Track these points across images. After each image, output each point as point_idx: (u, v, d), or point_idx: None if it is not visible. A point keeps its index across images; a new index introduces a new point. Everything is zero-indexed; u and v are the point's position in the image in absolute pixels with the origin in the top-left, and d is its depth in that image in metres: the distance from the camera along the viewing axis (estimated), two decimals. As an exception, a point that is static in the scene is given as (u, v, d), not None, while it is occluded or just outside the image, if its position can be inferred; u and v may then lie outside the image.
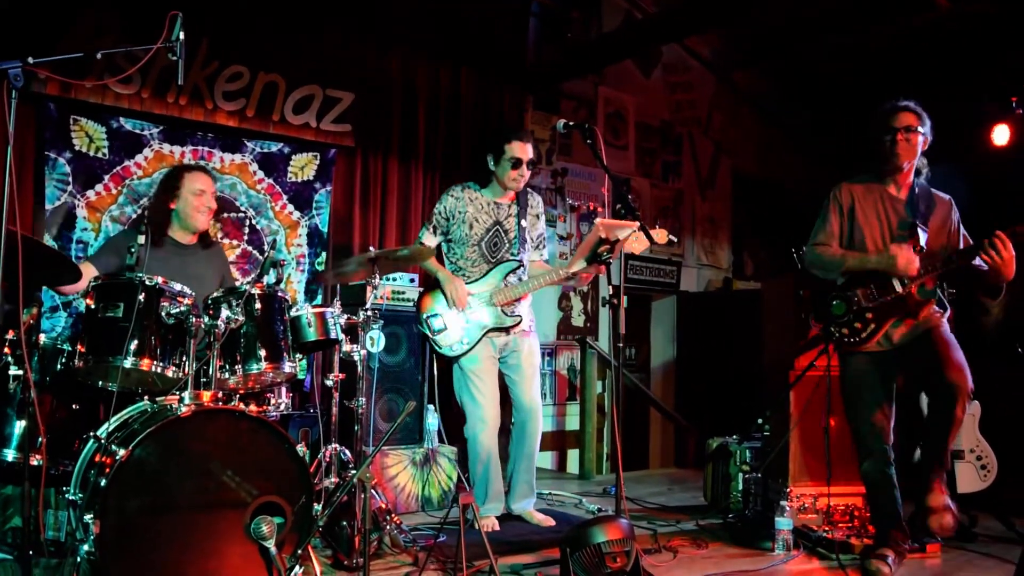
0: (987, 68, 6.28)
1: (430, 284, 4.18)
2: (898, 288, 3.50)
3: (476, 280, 4.08)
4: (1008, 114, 5.78)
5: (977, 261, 3.40)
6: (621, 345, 3.57)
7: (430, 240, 4.16)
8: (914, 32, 6.57)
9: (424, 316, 4.06)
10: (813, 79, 7.83)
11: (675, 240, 3.83)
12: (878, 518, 3.69)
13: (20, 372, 3.02)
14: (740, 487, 4.54)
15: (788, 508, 3.91)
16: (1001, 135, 5.95)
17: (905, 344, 3.56)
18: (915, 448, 4.15)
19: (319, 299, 5.18)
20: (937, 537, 3.75)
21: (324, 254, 5.24)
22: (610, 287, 3.55)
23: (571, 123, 3.92)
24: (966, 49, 6.43)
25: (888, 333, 3.57)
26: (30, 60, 2.49)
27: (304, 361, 4.62)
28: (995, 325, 3.95)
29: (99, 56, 2.73)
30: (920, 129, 3.57)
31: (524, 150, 4.06)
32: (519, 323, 4.10)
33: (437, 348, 4.06)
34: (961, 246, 3.61)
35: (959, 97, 3.53)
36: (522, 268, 4.16)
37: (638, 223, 3.63)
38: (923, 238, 3.53)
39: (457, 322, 4.03)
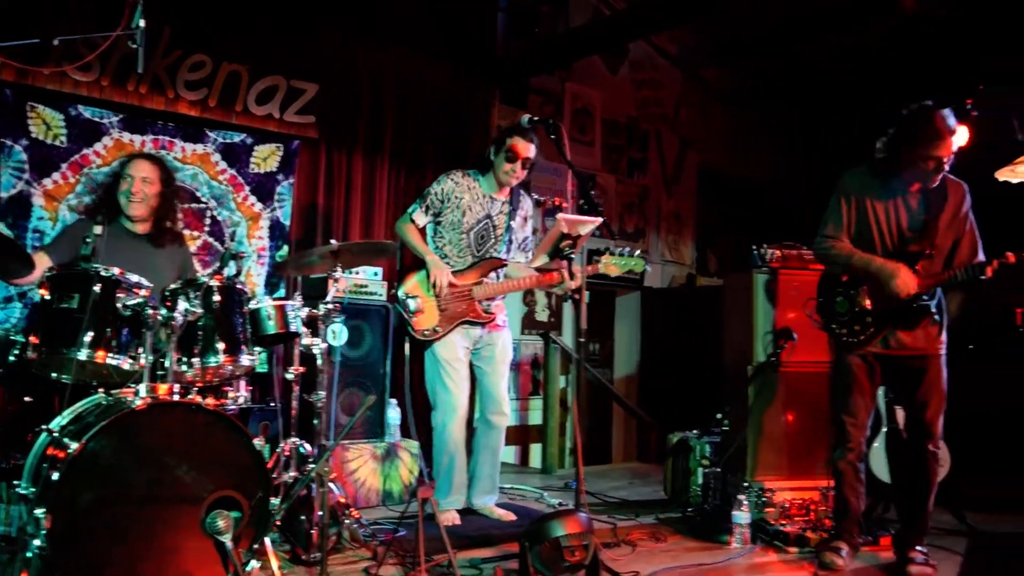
0: (959, 72, 6.39)
1: (415, 263, 4.11)
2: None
3: (460, 271, 4.06)
4: (965, 116, 5.90)
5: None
6: (583, 340, 3.60)
7: (420, 219, 4.11)
8: (889, 33, 6.68)
9: (402, 296, 4.01)
10: (786, 77, 7.89)
11: (649, 270, 4.01)
12: (838, 510, 3.74)
13: (-29, 364, 2.97)
14: (699, 481, 4.57)
15: (746, 502, 3.96)
16: (960, 136, 6.05)
17: (901, 360, 3.57)
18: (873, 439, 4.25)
19: (281, 292, 5.13)
20: (891, 531, 3.84)
21: (286, 247, 5.19)
22: (572, 282, 3.56)
23: (536, 118, 3.93)
24: (937, 52, 6.56)
25: (886, 338, 3.56)
26: (-17, 45, 2.44)
27: (264, 354, 4.59)
28: (952, 323, 4.01)
29: (56, 42, 2.69)
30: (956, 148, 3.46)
31: (526, 148, 4.02)
32: (494, 318, 4.11)
33: (410, 330, 4.01)
34: (967, 231, 3.53)
35: (939, 98, 3.56)
36: (505, 267, 4.17)
37: (601, 219, 3.64)
38: (932, 240, 3.47)
39: (434, 308, 4.01)
